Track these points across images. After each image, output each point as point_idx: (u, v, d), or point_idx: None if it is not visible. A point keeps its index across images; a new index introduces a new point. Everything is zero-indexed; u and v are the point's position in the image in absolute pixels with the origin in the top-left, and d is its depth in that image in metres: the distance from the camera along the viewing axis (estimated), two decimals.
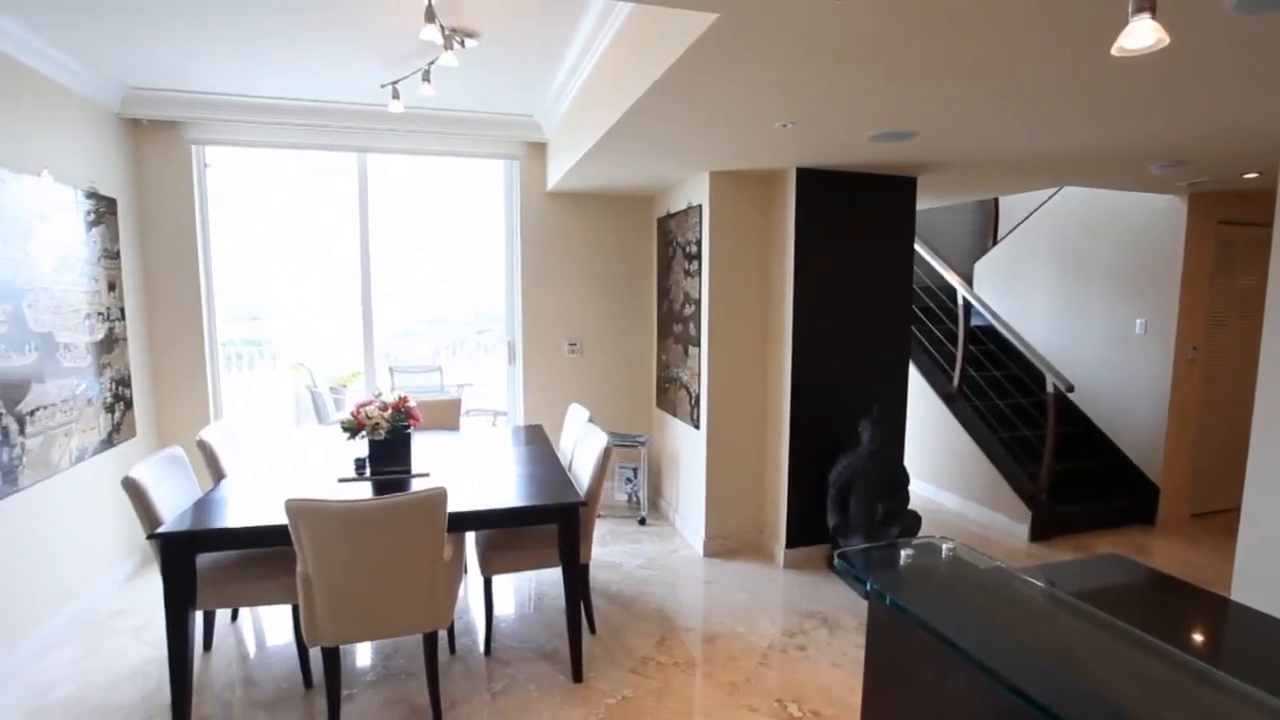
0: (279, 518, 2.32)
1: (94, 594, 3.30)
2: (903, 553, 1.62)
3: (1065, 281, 5.10)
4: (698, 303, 3.91)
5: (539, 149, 4.38)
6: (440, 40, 2.56)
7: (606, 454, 2.81)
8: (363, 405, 2.82)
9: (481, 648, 2.95)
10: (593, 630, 3.07)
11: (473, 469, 3.04)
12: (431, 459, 3.17)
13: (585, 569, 2.96)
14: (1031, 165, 3.50)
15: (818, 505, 3.76)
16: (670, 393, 4.44)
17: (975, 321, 5.07)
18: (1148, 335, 4.53)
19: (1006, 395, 5.10)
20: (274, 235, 6.89)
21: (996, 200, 6.44)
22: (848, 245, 3.72)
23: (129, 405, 3.64)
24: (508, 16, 2.66)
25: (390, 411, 2.80)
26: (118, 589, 3.51)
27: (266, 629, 3.16)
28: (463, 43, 2.85)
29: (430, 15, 2.41)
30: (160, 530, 2.31)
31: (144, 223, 3.86)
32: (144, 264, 3.87)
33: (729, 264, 3.81)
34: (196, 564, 2.42)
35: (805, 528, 3.81)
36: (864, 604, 3.35)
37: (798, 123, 2.67)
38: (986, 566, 1.59)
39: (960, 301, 4.87)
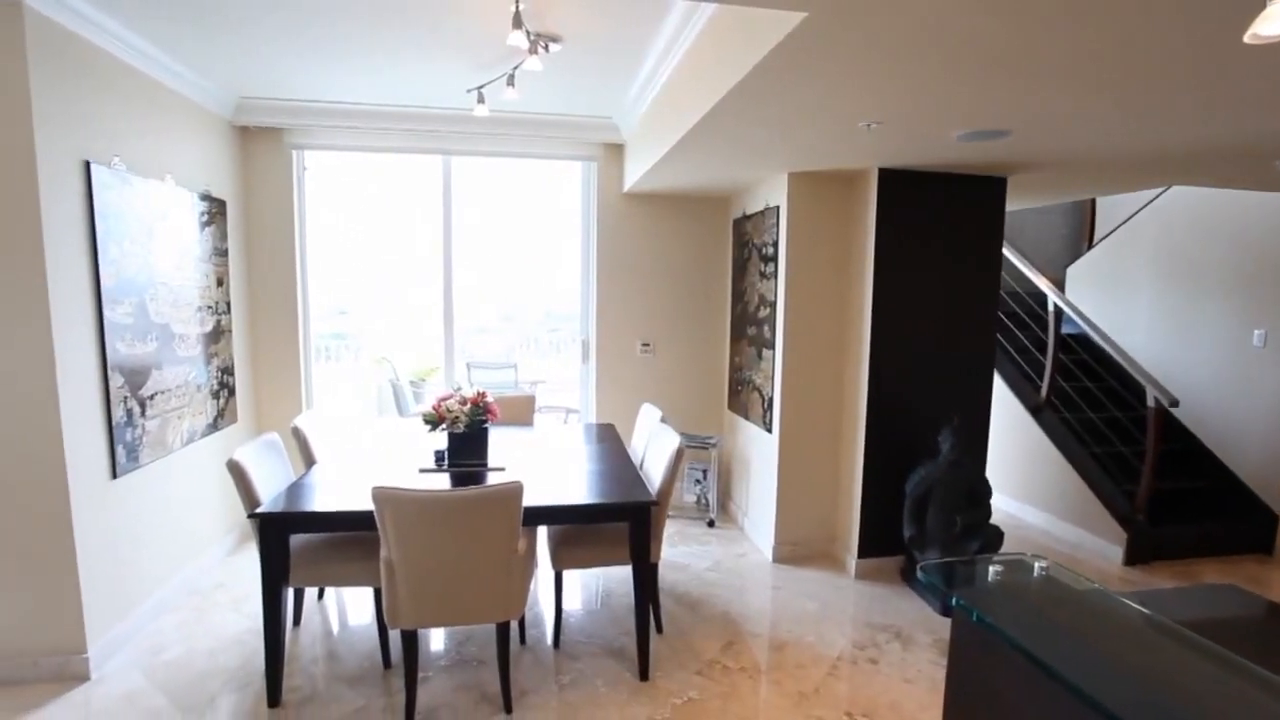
0: (365, 504, 2.43)
1: (199, 566, 3.55)
2: (991, 568, 1.55)
3: (1171, 288, 4.76)
4: (773, 305, 3.86)
5: (616, 150, 4.42)
6: (526, 45, 2.63)
7: (679, 455, 2.82)
8: (443, 399, 2.93)
9: (550, 640, 3.01)
10: (660, 630, 3.08)
11: (546, 465, 3.10)
12: (507, 453, 3.25)
13: (654, 568, 2.98)
14: (1138, 164, 3.28)
15: (892, 515, 3.65)
16: (742, 395, 4.40)
17: (1067, 329, 4.80)
18: (1267, 348, 4.16)
19: (1100, 408, 4.80)
20: (361, 234, 7.23)
21: (1094, 200, 6.07)
22: (931, 248, 3.59)
23: (232, 393, 3.90)
24: (591, 21, 2.71)
25: (469, 406, 2.89)
26: (219, 562, 3.77)
27: (349, 609, 3.32)
28: (547, 47, 2.91)
29: (517, 21, 2.48)
30: (259, 510, 2.47)
31: (249, 223, 4.14)
32: (248, 261, 4.15)
33: (806, 266, 3.74)
34: (290, 543, 2.57)
35: (879, 538, 3.70)
36: (940, 619, 3.23)
37: (883, 123, 2.60)
38: (1084, 588, 1.50)
39: (1050, 308, 4.62)
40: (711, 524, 4.48)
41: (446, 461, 2.99)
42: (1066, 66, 1.93)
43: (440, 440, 3.10)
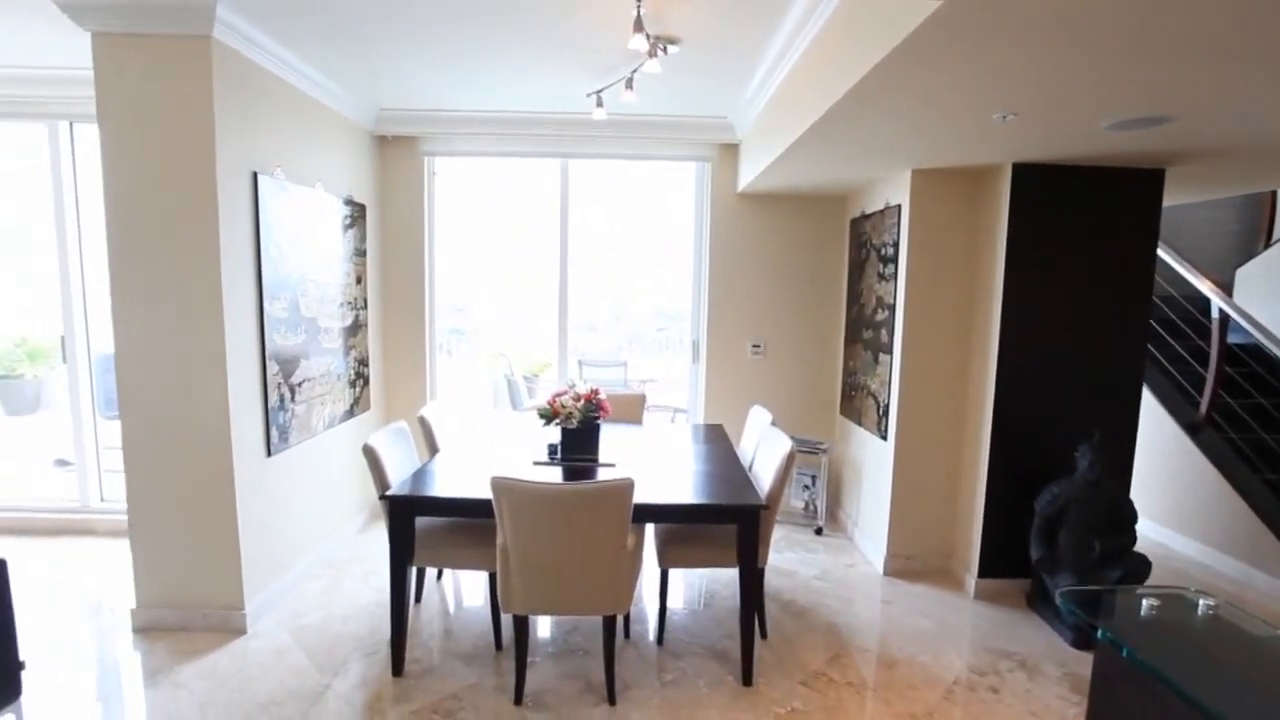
0: (484, 492, 2.55)
1: (335, 540, 3.88)
2: (1143, 601, 1.40)
3: None
4: (891, 308, 3.70)
5: (731, 150, 4.40)
6: (646, 48, 2.67)
7: (790, 459, 2.76)
8: (558, 395, 3.03)
9: (652, 637, 3.04)
10: (764, 635, 3.04)
11: (656, 463, 3.14)
12: (617, 450, 3.31)
13: (761, 573, 2.94)
14: None
15: (1018, 535, 3.39)
16: (856, 400, 4.25)
17: (1235, 338, 4.28)
18: None
19: (1276, 429, 4.23)
20: (480, 233, 7.60)
21: (1274, 193, 5.36)
22: (1072, 248, 3.30)
23: (366, 382, 4.23)
24: (710, 21, 2.71)
25: (582, 403, 2.97)
26: (352, 538, 4.10)
27: (464, 591, 3.51)
28: (665, 49, 2.94)
29: (639, 25, 2.52)
30: (389, 493, 2.66)
31: (384, 225, 4.46)
32: (382, 260, 4.47)
33: (928, 267, 3.56)
34: (414, 525, 2.75)
35: (1002, 558, 3.46)
36: (1073, 652, 2.98)
37: (1019, 114, 2.42)
38: (1263, 633, 1.32)
39: (1215, 314, 4.13)
40: (819, 531, 4.36)
41: (559, 455, 3.09)
42: (1249, 37, 1.72)
43: (553, 434, 3.20)
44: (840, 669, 2.82)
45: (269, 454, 3.15)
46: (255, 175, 2.98)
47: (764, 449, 3.15)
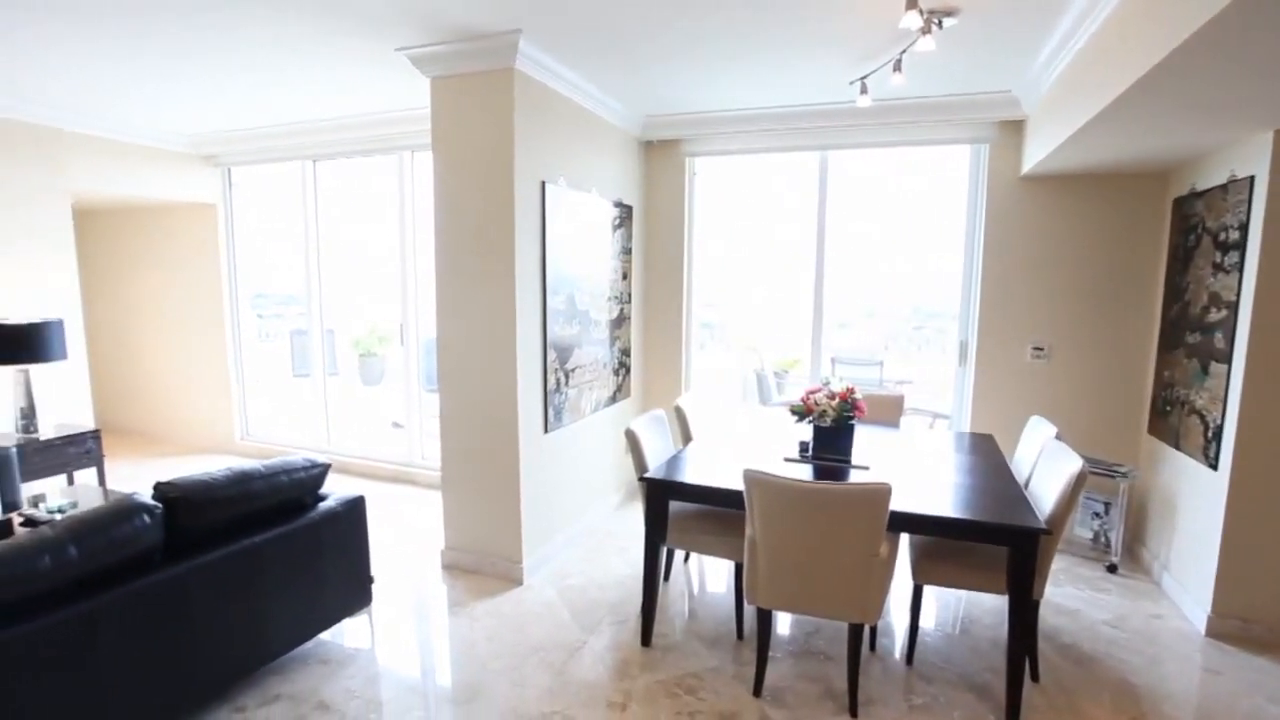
0: (735, 483, 2.62)
1: (595, 514, 4.28)
2: None
3: None
4: (1231, 306, 2.99)
5: (1013, 128, 3.90)
6: (919, 25, 2.49)
7: (1080, 480, 2.39)
8: (812, 392, 2.98)
9: (899, 654, 2.86)
10: (1035, 678, 2.68)
11: (913, 470, 2.94)
12: (871, 453, 3.17)
13: (1035, 606, 2.59)
14: None
15: None
16: (1173, 418, 3.52)
17: None
18: None
19: None
20: (735, 230, 7.73)
21: None
22: None
23: (628, 371, 4.58)
24: None
25: (837, 401, 2.89)
26: (610, 514, 4.48)
27: (709, 577, 3.63)
28: (940, 23, 2.71)
29: (911, 1, 2.36)
30: (647, 475, 2.85)
31: (648, 224, 4.77)
32: (645, 258, 4.79)
33: None
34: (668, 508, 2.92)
35: None
36: None
37: None
38: None
39: None
40: (1113, 569, 3.69)
41: (811, 453, 3.05)
42: None
43: (805, 431, 3.16)
44: None
45: (546, 431, 3.58)
46: (543, 184, 3.39)
47: (1045, 466, 2.76)
